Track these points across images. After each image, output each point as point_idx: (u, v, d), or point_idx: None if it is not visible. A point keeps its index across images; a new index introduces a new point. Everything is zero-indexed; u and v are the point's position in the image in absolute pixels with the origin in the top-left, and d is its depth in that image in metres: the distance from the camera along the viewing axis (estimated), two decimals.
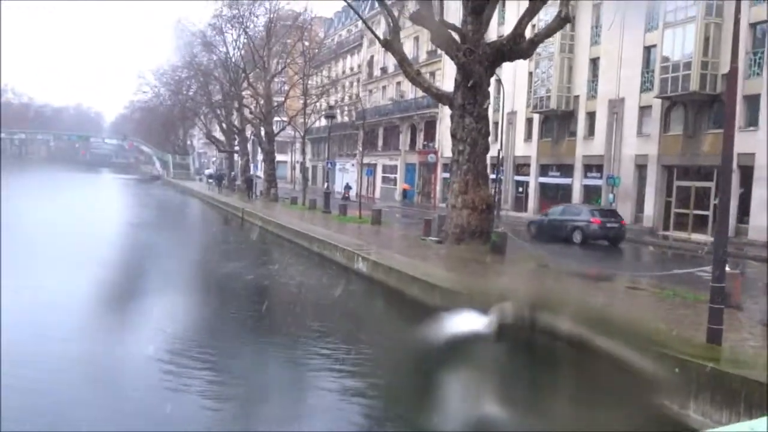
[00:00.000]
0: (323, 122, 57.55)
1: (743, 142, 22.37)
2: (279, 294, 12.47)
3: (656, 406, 6.55)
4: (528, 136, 35.29)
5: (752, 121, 22.79)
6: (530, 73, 33.78)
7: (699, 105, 24.61)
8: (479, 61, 16.70)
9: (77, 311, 10.12)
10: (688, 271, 12.82)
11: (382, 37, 20.29)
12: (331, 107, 32.16)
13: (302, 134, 36.49)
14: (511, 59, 17.93)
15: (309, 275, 15.20)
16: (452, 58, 17.57)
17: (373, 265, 13.71)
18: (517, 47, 16.84)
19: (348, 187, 43.58)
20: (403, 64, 19.45)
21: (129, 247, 18.53)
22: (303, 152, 38.87)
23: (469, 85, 16.94)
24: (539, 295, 9.19)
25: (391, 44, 19.34)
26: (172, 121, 65.50)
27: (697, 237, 23.72)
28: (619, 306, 10.00)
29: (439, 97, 19.65)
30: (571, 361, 7.68)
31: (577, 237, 20.98)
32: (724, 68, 23.33)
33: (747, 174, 22.83)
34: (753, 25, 22.93)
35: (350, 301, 12.12)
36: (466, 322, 8.92)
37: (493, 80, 36.46)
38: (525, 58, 18.18)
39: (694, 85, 23.59)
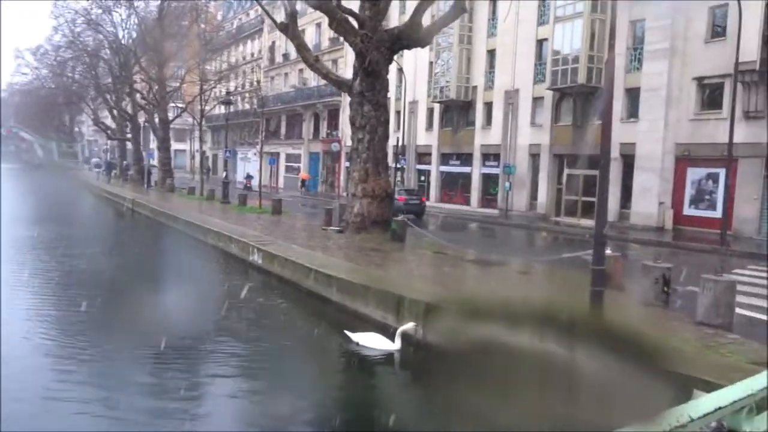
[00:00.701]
0: (224, 109, 55.67)
1: (625, 132, 23.86)
2: (158, 291, 11.71)
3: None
4: (429, 126, 35.80)
5: (633, 112, 24.31)
6: (431, 63, 34.23)
7: (586, 96, 25.93)
8: (377, 47, 16.51)
9: None
10: (576, 255, 13.30)
11: (279, 22, 19.66)
12: (228, 93, 30.88)
13: (199, 121, 34.93)
14: (409, 47, 17.93)
15: (199, 268, 14.46)
16: (350, 44, 17.31)
17: (269, 257, 13.25)
18: (414, 35, 16.83)
19: (249, 177, 42.35)
20: (302, 50, 18.95)
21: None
22: (201, 140, 37.33)
23: (367, 71, 16.77)
24: (435, 296, 9.11)
25: (288, 29, 18.77)
26: (55, 106, 60.64)
27: (585, 222, 24.99)
28: (511, 291, 10.19)
29: (339, 84, 19.34)
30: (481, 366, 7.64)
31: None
32: None
33: (629, 162, 24.37)
34: (633, 23, 24.38)
35: (239, 296, 11.61)
36: (373, 343, 8.66)
37: (395, 69, 36.84)
38: (423, 47, 18.23)
39: (581, 78, 24.79)
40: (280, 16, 28.50)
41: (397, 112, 37.60)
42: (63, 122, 73.92)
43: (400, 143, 32.03)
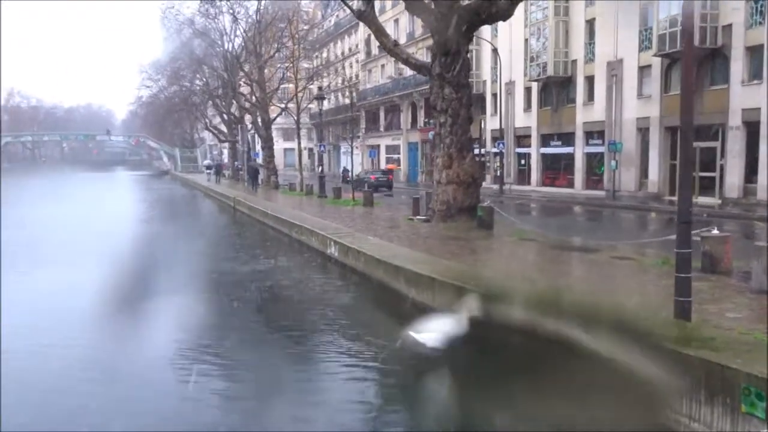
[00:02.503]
0: (326, 106, 56.69)
1: (747, 96, 21.22)
2: (233, 285, 11.83)
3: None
4: (527, 106, 34.07)
5: (756, 73, 21.43)
6: (526, 40, 32.47)
7: (699, 60, 23.21)
8: (454, 25, 15.70)
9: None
10: None
11: (356, 9, 19.33)
12: (320, 89, 31.20)
13: (296, 119, 35.75)
14: (489, 22, 16.90)
15: (277, 262, 14.45)
16: (425, 24, 16.62)
17: (344, 249, 12.98)
18: (494, 8, 15.79)
19: (345, 171, 43.03)
20: (379, 35, 18.55)
21: (115, 243, 17.93)
22: (298, 137, 38.18)
23: (444, 51, 16.01)
24: (498, 282, 8.40)
25: (365, 16, 18.43)
26: (174, 113, 64.86)
27: (704, 200, 22.54)
28: (595, 280, 9.13)
29: (418, 68, 18.74)
30: (531, 354, 6.93)
31: (366, 186, 30.37)
32: (725, 20, 22.04)
33: (753, 131, 21.56)
34: None
35: (313, 290, 11.45)
36: (436, 325, 8.15)
37: (489, 50, 35.37)
38: (504, 20, 17.05)
39: (694, 40, 22.20)
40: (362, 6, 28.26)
41: (494, 95, 36.25)
42: (184, 129, 78.95)
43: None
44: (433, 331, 8.12)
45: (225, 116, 52.25)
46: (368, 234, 14.58)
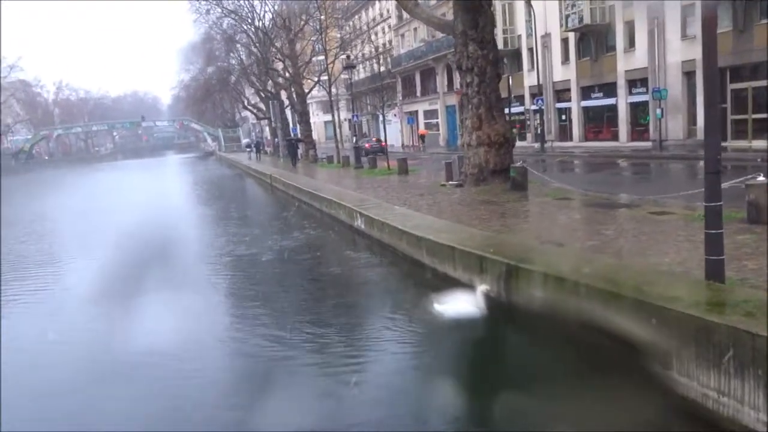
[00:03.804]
0: (362, 75, 55.95)
1: None
2: (253, 264, 11.78)
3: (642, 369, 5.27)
4: (565, 58, 32.55)
5: None
6: None
7: None
8: None
9: None
10: (734, 184, 10.70)
11: None
12: (348, 57, 30.64)
13: (328, 90, 35.34)
14: None
15: (302, 237, 14.29)
16: None
17: (369, 221, 12.70)
18: None
19: (378, 141, 42.99)
20: None
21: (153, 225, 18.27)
22: (332, 109, 37.82)
23: (466, 6, 15.32)
24: (519, 251, 7.94)
25: None
26: (213, 94, 65.36)
27: (758, 144, 21.09)
28: (626, 239, 8.54)
29: (441, 27, 18.10)
30: (552, 333, 6.56)
31: (363, 153, 30.98)
32: None
33: None
34: None
35: (335, 265, 11.24)
36: (454, 304, 7.89)
37: (523, 3, 33.90)
38: None
39: None
40: None
41: (530, 49, 34.83)
42: (225, 109, 79.60)
43: (534, 82, 29.58)
44: (455, 305, 7.83)
45: (261, 93, 52.32)
46: (397, 203, 14.25)
